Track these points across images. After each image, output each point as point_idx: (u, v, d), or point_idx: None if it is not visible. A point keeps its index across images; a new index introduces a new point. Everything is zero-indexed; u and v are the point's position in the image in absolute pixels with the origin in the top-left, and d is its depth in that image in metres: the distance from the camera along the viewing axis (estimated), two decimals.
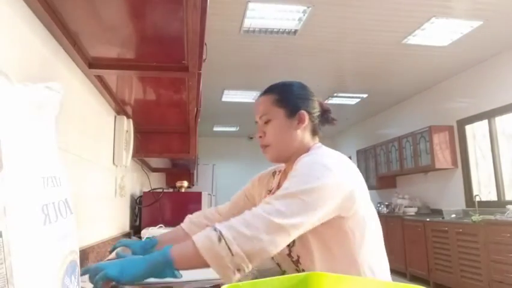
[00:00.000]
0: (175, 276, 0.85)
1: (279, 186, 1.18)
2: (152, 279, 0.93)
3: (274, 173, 1.25)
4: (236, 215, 1.27)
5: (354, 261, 0.96)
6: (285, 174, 1.18)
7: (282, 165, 1.21)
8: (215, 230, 0.84)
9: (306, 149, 1.10)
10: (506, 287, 3.62)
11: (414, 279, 5.17)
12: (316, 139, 1.15)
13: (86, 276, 0.98)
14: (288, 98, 1.11)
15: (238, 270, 0.83)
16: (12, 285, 0.48)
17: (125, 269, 0.82)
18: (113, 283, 0.82)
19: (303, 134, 1.10)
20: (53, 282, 0.56)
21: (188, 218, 1.30)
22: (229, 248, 0.81)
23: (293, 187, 0.90)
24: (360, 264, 0.96)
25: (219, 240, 0.81)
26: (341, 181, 0.94)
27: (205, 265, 0.83)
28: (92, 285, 0.84)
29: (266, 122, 1.12)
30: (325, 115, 1.16)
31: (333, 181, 0.92)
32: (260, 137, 1.14)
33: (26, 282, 0.50)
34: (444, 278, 4.55)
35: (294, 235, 0.86)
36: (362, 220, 0.98)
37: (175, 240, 1.21)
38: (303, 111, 1.10)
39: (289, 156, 1.11)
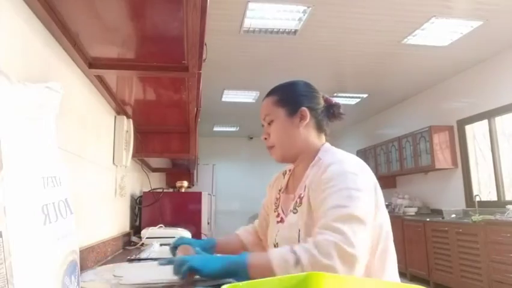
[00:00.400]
0: (248, 279, 0.89)
1: (287, 186, 1.19)
2: (152, 279, 0.93)
3: (284, 173, 1.26)
4: (264, 228, 1.29)
5: (365, 267, 0.95)
6: (293, 174, 1.18)
7: (291, 165, 1.21)
8: (293, 252, 0.85)
9: (314, 149, 1.10)
10: (506, 287, 3.62)
11: (414, 279, 5.17)
12: (323, 136, 1.15)
13: (86, 277, 0.98)
14: (288, 97, 1.12)
15: None
16: (12, 285, 0.48)
17: (207, 264, 0.90)
18: (196, 276, 0.91)
19: (307, 131, 1.10)
20: (53, 282, 0.56)
21: (243, 227, 1.40)
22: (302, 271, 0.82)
23: (345, 205, 0.89)
24: (370, 270, 0.95)
25: (296, 264, 0.83)
26: (371, 189, 0.96)
27: None
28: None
29: (270, 123, 1.12)
30: (331, 110, 1.15)
31: (368, 192, 0.94)
32: (265, 138, 1.14)
33: (26, 282, 0.50)
34: (445, 278, 4.55)
35: (364, 259, 0.87)
36: (378, 227, 0.97)
37: (232, 245, 1.31)
38: (304, 108, 1.09)
39: (295, 155, 1.11)
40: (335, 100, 1.18)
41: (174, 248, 1.22)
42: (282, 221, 1.12)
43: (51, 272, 0.56)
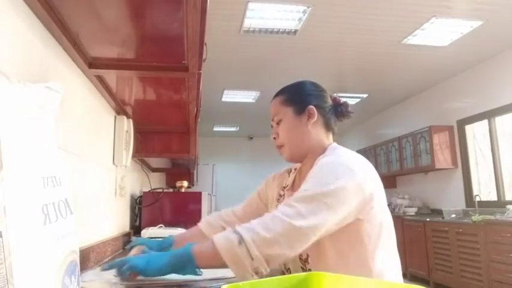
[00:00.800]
0: (195, 274, 0.88)
1: (294, 183, 1.19)
2: (154, 279, 0.93)
3: (289, 171, 1.25)
4: (250, 216, 1.29)
5: (367, 266, 0.95)
6: (300, 172, 1.17)
7: (297, 164, 1.21)
8: (235, 232, 0.85)
9: (322, 147, 1.10)
10: (506, 287, 3.62)
11: (414, 279, 5.17)
12: (331, 135, 1.15)
13: (87, 277, 0.98)
14: (296, 96, 1.13)
15: (256, 273, 0.84)
16: (12, 285, 0.48)
17: (150, 262, 0.88)
18: (138, 276, 0.89)
19: (316, 129, 1.10)
20: (53, 282, 0.56)
21: (205, 218, 1.32)
22: (248, 251, 0.82)
23: (313, 188, 0.90)
24: (372, 269, 0.95)
25: (239, 243, 0.83)
26: (362, 182, 0.93)
27: (224, 265, 0.85)
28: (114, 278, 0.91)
29: (278, 123, 1.13)
30: (339, 109, 1.16)
31: (353, 182, 0.91)
32: (274, 138, 1.15)
33: (26, 282, 0.50)
34: (445, 278, 4.55)
35: (313, 239, 0.86)
36: (378, 225, 0.96)
37: (191, 239, 1.23)
38: (311, 106, 1.10)
39: (304, 154, 1.12)
40: (343, 99, 1.18)
41: (130, 250, 1.20)
42: None
43: (51, 272, 0.56)
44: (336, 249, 0.95)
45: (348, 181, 0.91)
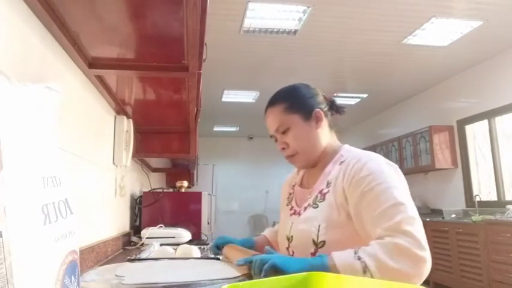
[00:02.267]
0: None
1: (302, 181, 1.19)
2: (155, 279, 0.93)
3: (298, 170, 1.25)
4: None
5: None
6: (309, 172, 1.17)
7: None
8: (359, 259, 0.83)
9: (332, 148, 1.11)
10: (506, 287, 3.62)
11: None
12: (334, 134, 1.16)
13: (88, 276, 0.98)
14: (298, 101, 1.10)
15: None
16: (12, 285, 0.48)
17: (289, 263, 0.87)
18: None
19: (323, 132, 1.10)
20: (53, 282, 0.56)
21: (269, 228, 1.39)
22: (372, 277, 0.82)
23: (402, 202, 0.90)
24: None
25: (364, 271, 0.82)
26: (405, 184, 1.00)
27: None
28: None
29: (284, 132, 1.08)
30: (333, 106, 1.16)
31: (406, 187, 0.98)
32: (283, 148, 1.11)
33: (26, 282, 0.50)
34: (445, 278, 4.55)
35: (429, 257, 0.87)
36: None
37: (266, 244, 1.27)
38: (317, 110, 1.09)
39: (318, 158, 1.11)
40: (330, 96, 1.19)
41: (217, 248, 1.22)
42: (296, 213, 1.11)
43: (51, 272, 0.56)
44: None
45: (404, 185, 0.97)
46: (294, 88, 1.14)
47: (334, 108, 1.16)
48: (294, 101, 1.10)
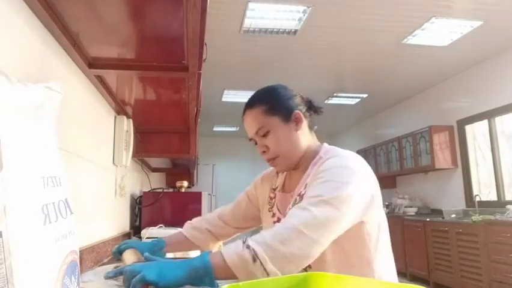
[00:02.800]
0: (213, 286, 0.81)
1: (284, 185, 1.16)
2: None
3: (277, 172, 1.23)
4: (239, 217, 1.24)
5: (369, 266, 0.95)
6: (290, 174, 1.15)
7: None
8: (248, 247, 0.80)
9: (312, 149, 1.09)
10: (506, 287, 3.62)
11: (414, 279, 5.17)
12: (314, 134, 1.14)
13: (86, 277, 0.98)
14: (277, 103, 1.07)
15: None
16: (12, 285, 0.48)
17: (164, 273, 0.79)
18: (150, 287, 0.79)
19: (303, 133, 1.08)
20: (53, 282, 0.56)
21: (189, 223, 1.28)
22: (264, 268, 0.79)
23: (326, 193, 0.87)
24: (374, 269, 0.95)
25: (254, 260, 0.79)
26: (367, 186, 0.94)
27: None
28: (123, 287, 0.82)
29: (264, 135, 1.06)
30: (311, 107, 1.13)
31: (360, 186, 0.91)
32: (264, 151, 1.08)
33: (26, 282, 0.50)
34: (445, 278, 4.55)
35: (326, 245, 0.85)
36: (377, 225, 0.97)
37: (180, 243, 1.22)
38: (297, 111, 1.06)
39: (299, 160, 1.09)
40: (306, 96, 1.16)
41: (118, 253, 1.11)
42: (278, 220, 1.09)
43: (51, 272, 0.56)
44: (338, 251, 0.94)
45: (356, 186, 0.90)
46: (272, 89, 1.11)
47: (312, 108, 1.13)
48: (273, 102, 1.06)
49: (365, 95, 6.13)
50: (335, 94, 6.00)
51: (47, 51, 1.03)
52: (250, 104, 1.08)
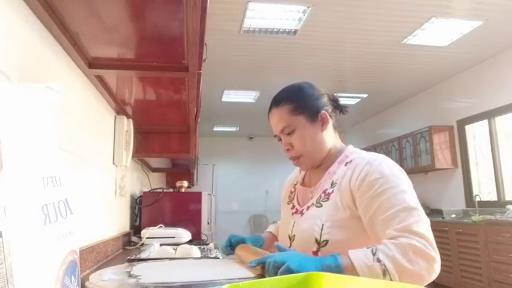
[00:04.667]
0: None
1: (304, 179, 1.19)
2: (156, 280, 0.92)
3: (300, 170, 1.25)
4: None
5: None
6: (310, 171, 1.17)
7: None
8: (379, 261, 0.82)
9: (336, 149, 1.11)
10: (506, 287, 3.62)
11: None
12: (337, 134, 1.15)
13: (105, 276, 0.98)
14: (304, 102, 1.07)
15: None
16: (12, 285, 0.48)
17: (303, 264, 0.84)
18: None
19: (328, 133, 1.09)
20: (53, 282, 0.56)
21: (272, 225, 1.36)
22: (391, 279, 0.82)
23: (414, 207, 0.90)
24: None
25: (384, 274, 0.81)
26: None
27: None
28: None
29: (289, 133, 1.07)
30: (337, 106, 1.15)
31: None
32: (288, 149, 1.09)
33: (26, 282, 0.50)
34: (445, 278, 4.55)
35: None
36: None
37: (273, 241, 1.26)
38: (323, 112, 1.07)
39: (323, 160, 1.10)
40: (334, 96, 1.17)
41: (229, 247, 1.18)
42: (297, 212, 1.11)
43: (51, 272, 0.56)
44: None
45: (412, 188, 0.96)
46: (300, 88, 1.11)
47: (338, 108, 1.15)
48: (301, 102, 1.07)
49: (365, 95, 6.13)
50: (335, 94, 5.96)
51: (47, 51, 1.03)
52: (277, 102, 1.09)
